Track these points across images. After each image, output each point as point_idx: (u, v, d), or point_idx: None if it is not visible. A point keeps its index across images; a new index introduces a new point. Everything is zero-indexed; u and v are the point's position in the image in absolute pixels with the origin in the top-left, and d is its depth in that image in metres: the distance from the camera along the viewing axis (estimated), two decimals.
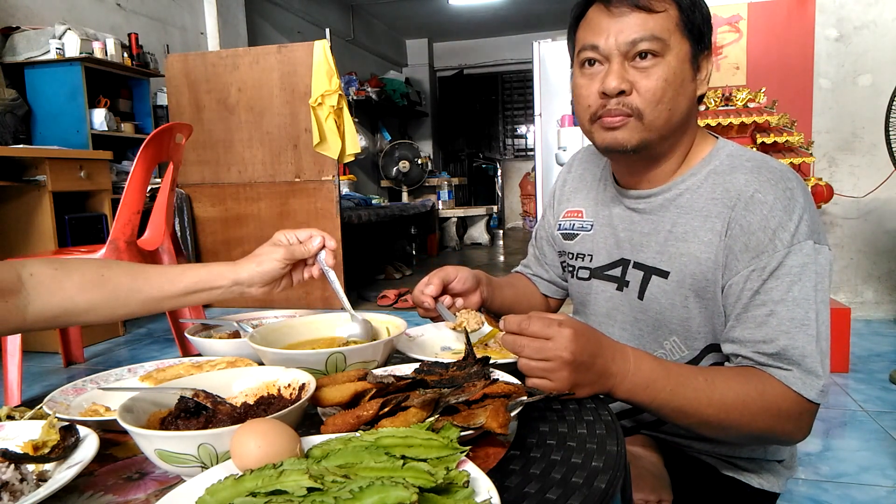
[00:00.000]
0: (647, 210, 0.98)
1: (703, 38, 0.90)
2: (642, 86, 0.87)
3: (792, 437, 0.86)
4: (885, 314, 3.67)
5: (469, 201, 9.72)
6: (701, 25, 0.89)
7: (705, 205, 0.90)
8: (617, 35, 0.87)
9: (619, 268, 1.01)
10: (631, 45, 0.86)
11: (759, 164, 0.89)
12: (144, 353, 3.35)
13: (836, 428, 2.21)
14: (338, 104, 3.99)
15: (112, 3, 4.40)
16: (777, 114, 2.98)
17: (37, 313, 0.77)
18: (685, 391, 0.80)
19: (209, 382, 0.72)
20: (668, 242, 0.93)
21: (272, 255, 0.87)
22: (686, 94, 0.89)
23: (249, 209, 4.31)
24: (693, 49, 0.89)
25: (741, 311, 0.85)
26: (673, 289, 0.92)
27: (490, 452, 0.63)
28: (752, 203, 0.85)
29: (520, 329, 0.74)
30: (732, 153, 0.93)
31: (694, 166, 0.94)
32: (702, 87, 0.92)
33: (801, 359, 0.80)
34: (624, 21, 0.87)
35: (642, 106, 0.87)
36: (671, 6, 0.87)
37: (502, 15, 8.26)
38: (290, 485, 0.47)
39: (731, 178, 0.89)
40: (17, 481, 0.56)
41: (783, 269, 0.82)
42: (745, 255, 0.85)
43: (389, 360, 0.90)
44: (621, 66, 0.87)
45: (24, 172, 3.08)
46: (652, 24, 0.86)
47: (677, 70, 0.87)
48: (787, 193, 0.85)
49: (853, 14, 3.51)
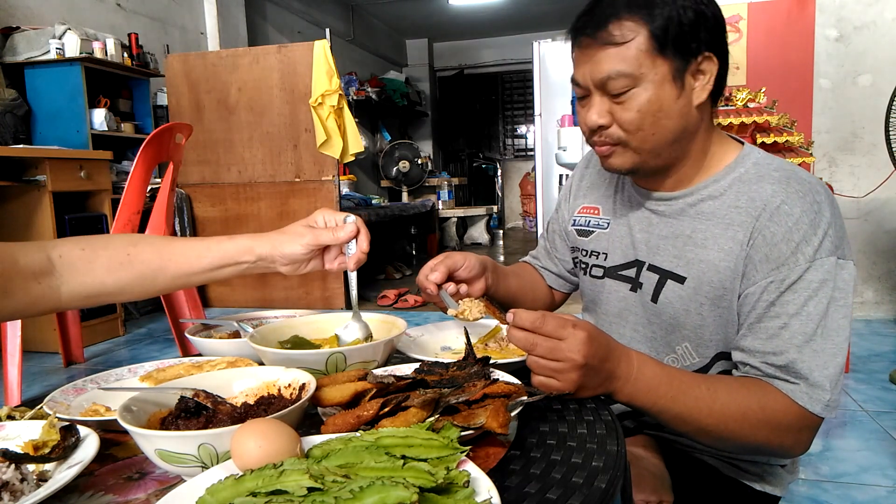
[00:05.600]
0: (666, 213, 0.96)
1: (692, 46, 0.85)
2: (619, 118, 0.87)
3: (790, 452, 0.85)
4: (885, 314, 3.67)
5: (469, 201, 9.72)
6: (684, 36, 0.84)
7: (728, 212, 0.89)
8: (590, 72, 0.87)
9: (634, 269, 1.00)
10: (603, 82, 0.86)
11: (788, 175, 0.87)
12: (144, 353, 3.35)
13: (836, 428, 2.21)
14: (338, 104, 3.99)
15: (112, 3, 4.40)
16: (777, 114, 2.98)
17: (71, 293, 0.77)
18: (686, 399, 0.80)
19: (209, 382, 0.72)
20: (686, 247, 0.92)
21: (297, 239, 0.84)
22: (671, 114, 0.86)
23: (249, 209, 4.31)
24: (676, 65, 0.85)
25: (755, 321, 0.84)
26: (689, 295, 0.91)
27: (490, 452, 0.63)
28: (777, 214, 0.84)
29: (533, 327, 0.74)
30: (759, 161, 0.91)
31: (718, 172, 0.93)
32: (700, 94, 0.88)
33: (809, 373, 0.80)
34: (594, 57, 0.86)
35: (624, 137, 0.88)
36: (640, 32, 0.83)
37: (502, 15, 8.26)
38: (291, 485, 0.47)
39: (758, 187, 0.87)
40: (17, 481, 0.56)
41: (802, 283, 0.81)
42: (766, 265, 0.83)
43: (389, 360, 0.90)
44: (601, 99, 0.88)
45: (24, 172, 3.08)
46: (619, 58, 0.84)
47: (653, 97, 0.85)
48: (814, 207, 0.83)
49: (853, 14, 3.51)
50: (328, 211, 0.88)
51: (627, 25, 0.83)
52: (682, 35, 0.84)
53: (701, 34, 0.85)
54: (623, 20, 0.84)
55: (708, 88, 0.88)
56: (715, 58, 0.87)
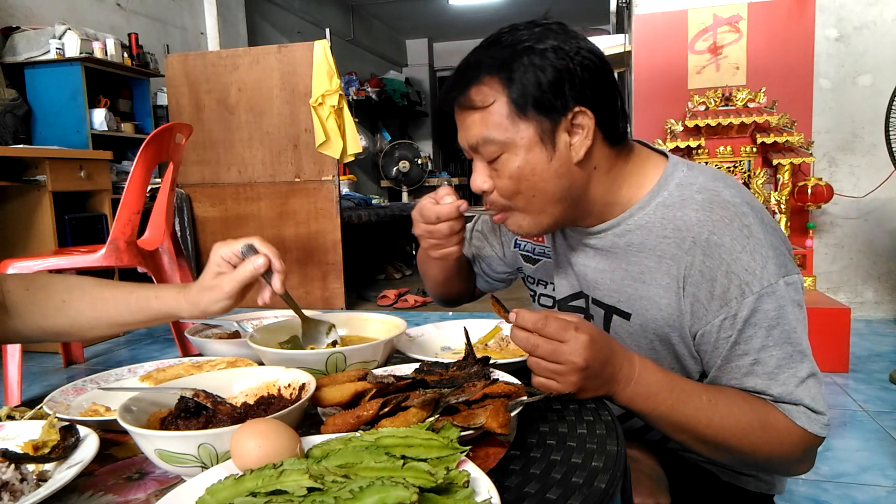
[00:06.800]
0: (598, 246, 0.91)
1: (557, 105, 0.79)
2: (497, 185, 0.84)
3: (792, 471, 0.85)
4: (885, 314, 3.67)
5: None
6: (545, 97, 0.78)
7: (658, 243, 0.84)
8: (464, 137, 0.84)
9: (581, 300, 0.97)
10: (475, 147, 0.83)
11: (711, 198, 0.82)
12: (144, 353, 3.35)
13: (836, 428, 2.21)
14: (338, 104, 3.99)
15: (112, 3, 4.40)
16: (777, 114, 2.98)
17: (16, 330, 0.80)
18: (685, 408, 0.78)
19: (209, 382, 0.72)
20: (624, 282, 0.88)
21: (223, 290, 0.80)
22: (547, 175, 0.81)
23: (249, 209, 4.31)
24: (543, 126, 0.79)
25: (723, 363, 0.82)
26: (637, 331, 0.89)
27: (490, 452, 0.63)
28: (708, 247, 0.80)
29: (535, 328, 0.73)
30: (682, 182, 0.85)
31: (641, 199, 0.86)
32: (578, 151, 0.81)
33: (800, 400, 0.79)
34: (464, 122, 0.83)
35: (506, 202, 0.85)
36: (499, 96, 0.79)
37: (502, 15, 8.26)
38: (290, 485, 0.47)
39: (682, 213, 0.83)
40: (17, 481, 0.56)
41: (758, 315, 0.78)
42: (713, 303, 0.80)
43: (389, 360, 0.90)
44: (481, 163, 0.85)
45: (24, 172, 3.08)
46: (483, 124, 0.80)
47: (523, 161, 0.80)
48: (744, 232, 0.79)
49: (853, 14, 3.51)
50: (221, 246, 0.82)
51: (486, 90, 0.80)
52: (541, 97, 0.78)
53: (566, 91, 0.79)
54: (483, 84, 0.80)
55: (586, 144, 0.81)
56: (589, 111, 0.80)
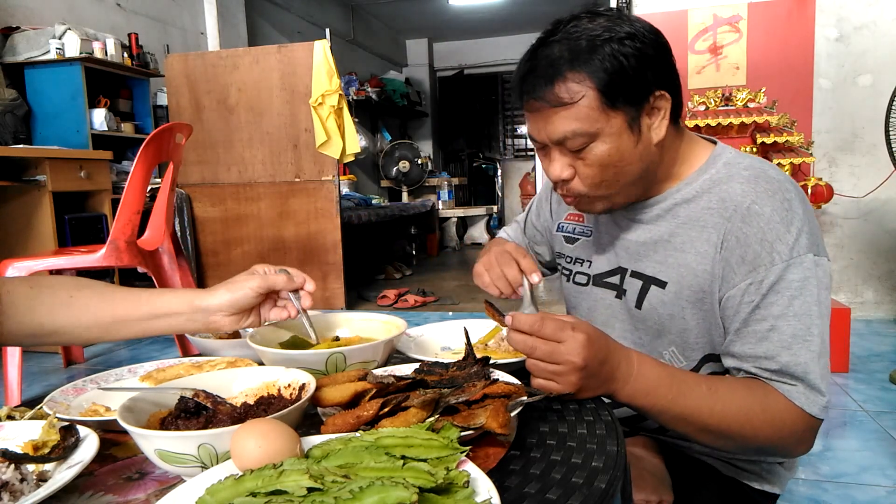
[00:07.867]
0: (644, 220, 0.96)
1: (642, 91, 0.83)
2: (581, 172, 0.87)
3: (793, 452, 0.85)
4: (885, 314, 3.67)
5: (469, 201, 9.71)
6: (632, 85, 0.82)
7: (702, 215, 0.89)
8: (546, 131, 0.85)
9: (618, 275, 1.00)
10: (560, 141, 0.85)
11: (757, 174, 0.87)
12: (144, 353, 3.35)
13: (836, 428, 2.21)
14: (338, 104, 3.99)
15: (112, 3, 4.40)
16: (777, 114, 2.99)
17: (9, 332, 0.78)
18: (686, 399, 0.79)
19: (209, 382, 0.72)
20: (666, 252, 0.92)
21: (246, 283, 0.81)
22: (632, 159, 0.85)
23: (249, 209, 4.31)
24: (630, 113, 0.83)
25: (741, 326, 0.84)
26: (671, 299, 0.91)
27: (490, 452, 0.63)
28: (748, 214, 0.83)
29: (532, 330, 0.74)
30: (730, 161, 0.91)
31: (689, 175, 0.92)
32: (659, 132, 0.86)
33: (804, 375, 0.80)
34: (548, 119, 0.84)
35: (586, 190, 0.88)
36: (587, 90, 0.81)
37: (502, 15, 8.26)
38: (290, 485, 0.47)
39: (728, 187, 0.87)
40: (17, 481, 0.56)
41: (783, 284, 0.81)
42: (742, 267, 0.83)
43: (389, 360, 0.90)
44: (560, 153, 0.87)
45: (24, 172, 3.08)
46: (572, 118, 0.82)
47: (613, 148, 0.83)
48: (784, 205, 0.83)
49: (853, 14, 3.51)
50: (264, 265, 0.86)
51: (572, 86, 0.81)
52: (629, 85, 0.81)
53: (649, 76, 0.83)
54: (568, 80, 0.81)
55: (665, 123, 0.86)
56: (667, 93, 0.85)
